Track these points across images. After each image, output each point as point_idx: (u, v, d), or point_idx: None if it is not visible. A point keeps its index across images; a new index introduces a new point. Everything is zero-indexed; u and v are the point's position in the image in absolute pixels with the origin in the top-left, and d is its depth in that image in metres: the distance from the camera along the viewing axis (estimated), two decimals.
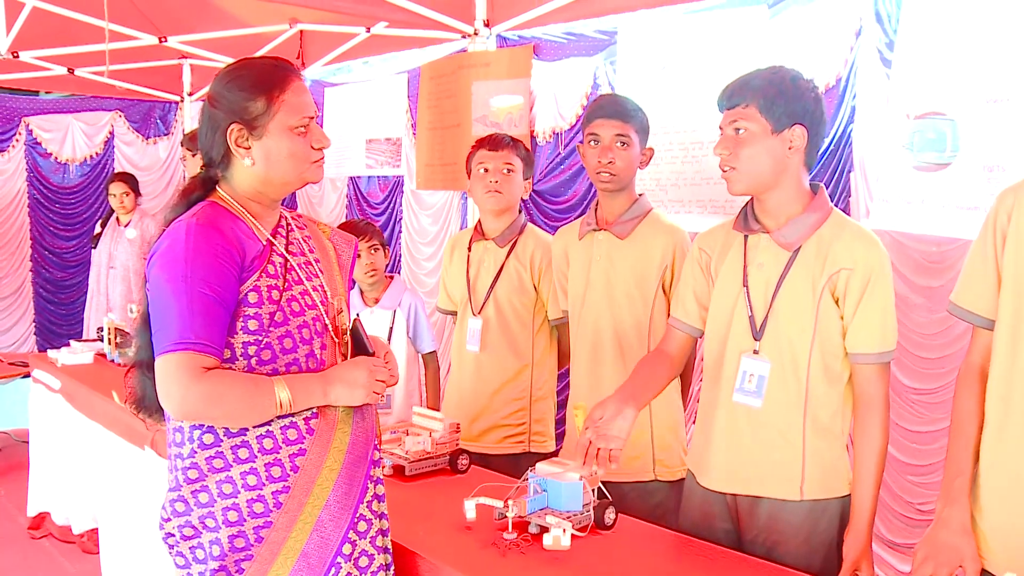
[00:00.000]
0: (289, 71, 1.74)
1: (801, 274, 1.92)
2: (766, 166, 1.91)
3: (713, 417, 2.03)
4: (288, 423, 1.67)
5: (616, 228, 2.45)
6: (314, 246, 1.85)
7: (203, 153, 1.75)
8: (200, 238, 1.61)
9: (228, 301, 1.63)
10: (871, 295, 1.88)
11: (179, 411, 1.61)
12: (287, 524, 1.66)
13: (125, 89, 6.56)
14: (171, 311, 1.59)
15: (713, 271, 2.07)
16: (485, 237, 2.82)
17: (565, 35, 4.14)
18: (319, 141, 1.75)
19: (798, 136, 1.90)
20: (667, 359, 2.15)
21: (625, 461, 2.40)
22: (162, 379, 1.60)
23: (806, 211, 1.94)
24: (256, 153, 1.70)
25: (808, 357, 1.91)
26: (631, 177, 2.44)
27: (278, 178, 1.72)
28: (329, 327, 1.77)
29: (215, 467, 1.65)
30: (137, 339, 1.77)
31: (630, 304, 2.42)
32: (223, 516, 1.65)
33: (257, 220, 1.74)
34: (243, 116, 1.68)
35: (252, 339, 1.66)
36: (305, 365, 1.71)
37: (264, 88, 1.69)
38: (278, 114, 1.69)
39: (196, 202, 1.72)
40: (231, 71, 1.74)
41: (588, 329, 2.50)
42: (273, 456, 1.66)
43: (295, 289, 1.74)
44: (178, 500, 1.67)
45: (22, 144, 6.92)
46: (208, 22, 5.12)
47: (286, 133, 1.70)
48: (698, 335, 2.16)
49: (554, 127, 4.25)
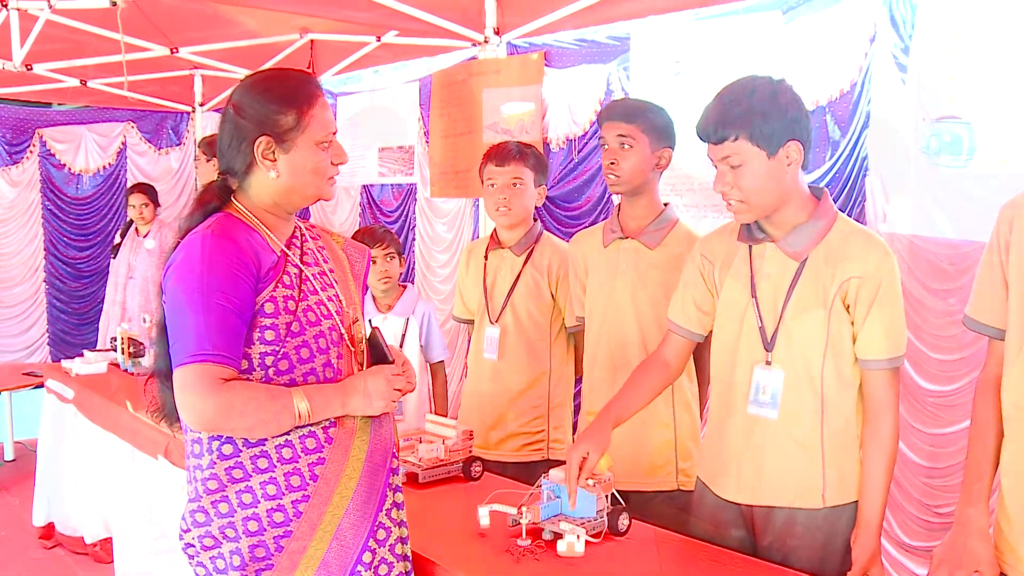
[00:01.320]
0: (317, 86, 1.76)
1: (810, 284, 1.90)
2: (771, 191, 1.87)
3: (726, 428, 2.01)
4: (307, 432, 1.68)
5: (644, 237, 2.43)
6: (328, 256, 1.86)
7: (223, 162, 1.75)
8: (215, 249, 1.62)
9: (244, 312, 1.64)
10: (881, 302, 1.86)
11: (199, 422, 1.61)
12: (307, 533, 1.66)
13: (137, 100, 6.61)
14: (188, 322, 1.60)
15: (717, 281, 2.05)
16: (501, 246, 2.81)
17: (577, 42, 4.17)
18: (338, 157, 1.77)
19: (794, 151, 1.86)
20: (664, 367, 2.14)
21: (650, 470, 2.41)
22: (180, 391, 1.60)
23: (811, 218, 1.92)
24: (282, 166, 1.71)
25: (822, 365, 1.90)
26: (642, 180, 2.40)
27: (298, 192, 1.74)
28: (345, 336, 1.78)
29: (235, 477, 1.66)
30: (155, 349, 1.77)
31: (656, 314, 2.39)
32: (243, 526, 1.65)
33: (272, 231, 1.75)
34: (273, 128, 1.69)
35: (269, 349, 1.67)
36: (322, 374, 1.72)
37: (295, 102, 1.70)
38: (308, 128, 1.70)
39: (212, 212, 1.73)
40: (260, 82, 1.75)
41: (611, 337, 2.48)
42: (292, 465, 1.66)
43: (311, 299, 1.74)
44: (198, 511, 1.67)
45: (36, 155, 7.05)
46: (219, 33, 5.16)
47: (313, 148, 1.71)
48: (698, 340, 2.13)
49: (567, 134, 4.27)
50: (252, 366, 1.66)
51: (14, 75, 5.23)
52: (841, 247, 1.89)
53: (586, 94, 4.14)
